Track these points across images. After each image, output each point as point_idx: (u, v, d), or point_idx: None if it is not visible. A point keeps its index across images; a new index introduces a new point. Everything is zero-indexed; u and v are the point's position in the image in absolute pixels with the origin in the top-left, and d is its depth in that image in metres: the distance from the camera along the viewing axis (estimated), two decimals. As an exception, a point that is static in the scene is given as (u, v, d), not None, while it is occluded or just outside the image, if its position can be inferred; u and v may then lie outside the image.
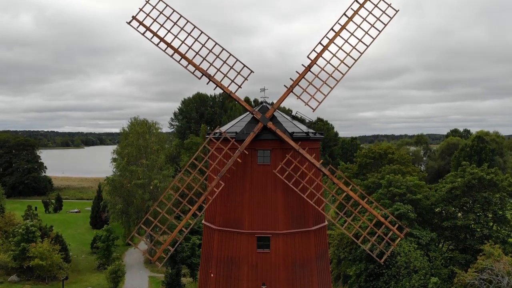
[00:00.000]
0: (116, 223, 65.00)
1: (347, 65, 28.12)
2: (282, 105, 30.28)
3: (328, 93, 28.14)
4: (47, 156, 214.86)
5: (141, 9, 28.45)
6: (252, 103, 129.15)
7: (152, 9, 28.34)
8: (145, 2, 28.40)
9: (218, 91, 27.17)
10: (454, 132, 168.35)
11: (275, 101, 28.54)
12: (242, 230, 26.97)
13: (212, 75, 28.04)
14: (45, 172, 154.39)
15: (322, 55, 27.82)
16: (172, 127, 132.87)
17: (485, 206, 40.11)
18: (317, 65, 27.85)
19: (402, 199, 41.59)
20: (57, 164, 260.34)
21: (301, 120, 31.72)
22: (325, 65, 27.98)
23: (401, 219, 39.07)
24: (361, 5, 28.15)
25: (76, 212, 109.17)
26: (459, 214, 41.78)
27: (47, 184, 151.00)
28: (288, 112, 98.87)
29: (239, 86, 28.39)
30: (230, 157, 26.58)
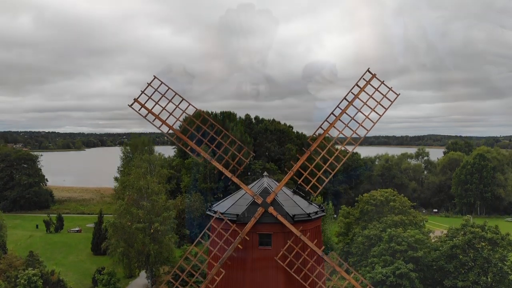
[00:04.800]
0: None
1: (343, 155, 28.17)
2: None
3: (329, 178, 28.15)
4: (48, 159, 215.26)
5: (143, 92, 28.39)
6: (253, 120, 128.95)
7: (154, 91, 28.33)
8: (147, 84, 28.34)
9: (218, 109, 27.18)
10: (455, 144, 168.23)
11: (273, 102, 28.60)
12: (243, 317, 26.97)
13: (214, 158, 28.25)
14: (46, 185, 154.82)
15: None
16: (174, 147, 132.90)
17: (485, 267, 40.17)
18: (318, 148, 27.92)
19: (403, 255, 41.60)
20: (58, 169, 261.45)
21: (303, 194, 31.66)
22: (325, 150, 28.04)
23: (402, 279, 39.18)
24: (362, 89, 28.16)
25: (77, 231, 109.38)
26: (462, 270, 41.83)
27: (48, 197, 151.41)
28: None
29: (240, 170, 28.46)
30: (230, 241, 26.61)
